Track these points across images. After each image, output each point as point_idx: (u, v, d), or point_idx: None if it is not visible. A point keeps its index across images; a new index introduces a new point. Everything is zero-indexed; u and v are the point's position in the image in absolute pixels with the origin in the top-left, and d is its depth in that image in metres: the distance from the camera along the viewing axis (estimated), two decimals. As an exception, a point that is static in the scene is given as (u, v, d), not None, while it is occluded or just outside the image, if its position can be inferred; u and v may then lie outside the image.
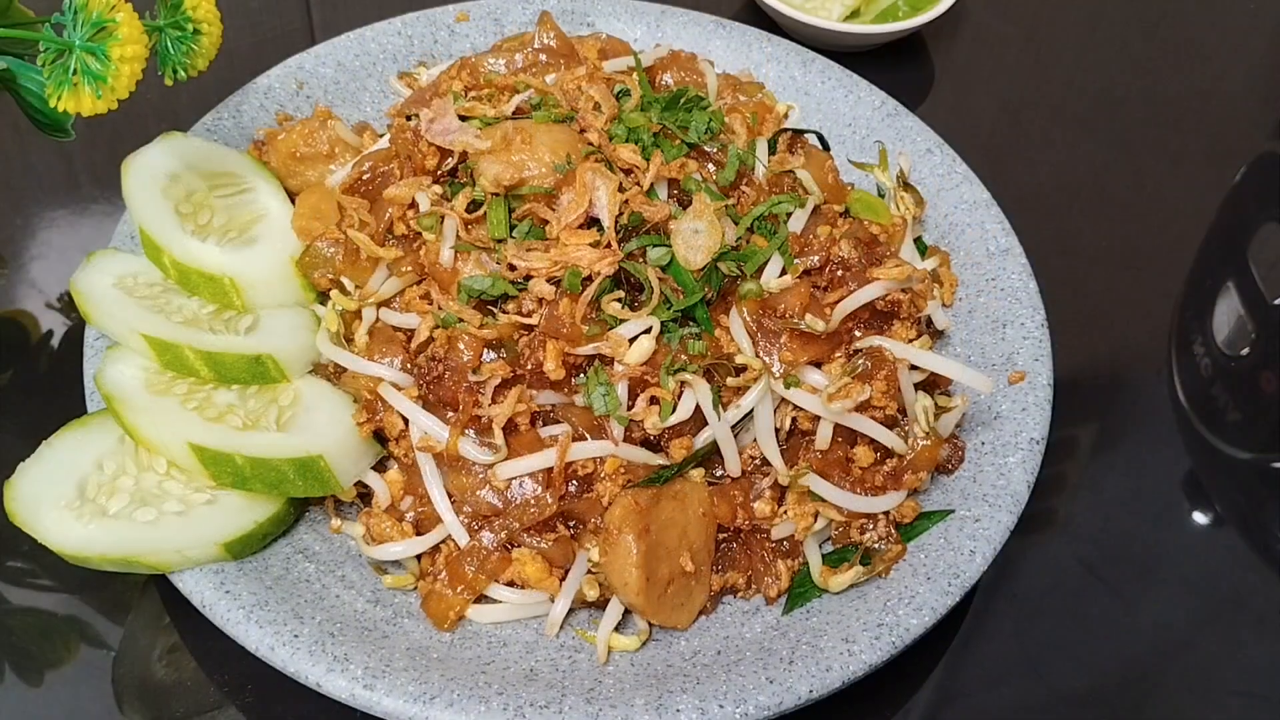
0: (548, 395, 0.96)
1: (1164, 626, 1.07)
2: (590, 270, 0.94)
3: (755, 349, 0.98)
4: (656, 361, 0.94)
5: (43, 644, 0.99)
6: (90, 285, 1.03)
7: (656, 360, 0.94)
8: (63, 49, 0.95)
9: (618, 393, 0.93)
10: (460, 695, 0.85)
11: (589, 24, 1.37)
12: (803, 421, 0.98)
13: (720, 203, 1.01)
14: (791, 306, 0.98)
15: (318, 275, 1.07)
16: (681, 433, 0.95)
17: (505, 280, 0.97)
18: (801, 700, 0.86)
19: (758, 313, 0.98)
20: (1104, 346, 1.30)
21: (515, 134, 1.02)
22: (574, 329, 0.93)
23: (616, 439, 0.93)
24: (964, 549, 0.95)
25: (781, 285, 0.99)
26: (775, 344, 0.98)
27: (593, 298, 0.94)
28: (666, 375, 0.93)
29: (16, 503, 0.90)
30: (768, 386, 0.95)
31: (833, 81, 1.32)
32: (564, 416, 0.95)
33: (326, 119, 1.18)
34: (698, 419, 0.94)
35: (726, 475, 0.98)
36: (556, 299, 0.94)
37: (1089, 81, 1.62)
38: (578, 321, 0.93)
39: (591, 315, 0.94)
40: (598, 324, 0.94)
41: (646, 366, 0.93)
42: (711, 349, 0.96)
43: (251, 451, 0.92)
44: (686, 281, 0.97)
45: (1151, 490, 1.18)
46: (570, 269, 0.94)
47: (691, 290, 0.97)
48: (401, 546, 0.96)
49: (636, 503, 0.91)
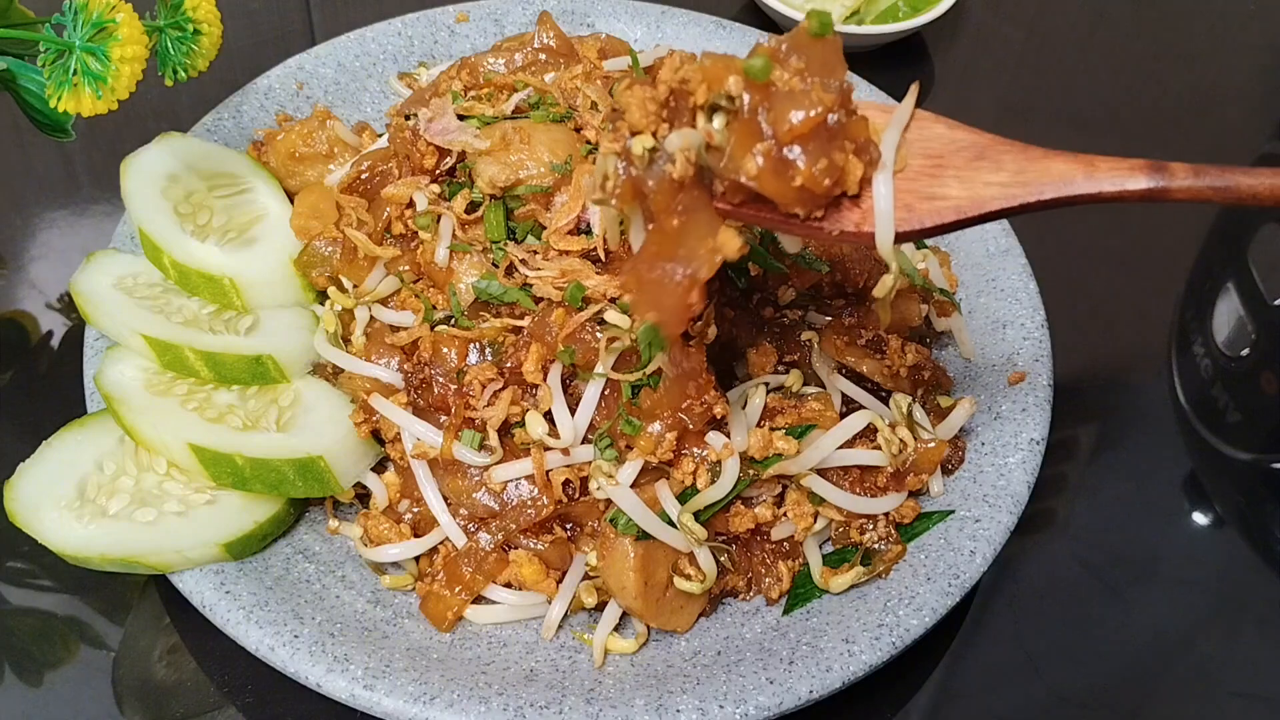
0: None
1: (1164, 627, 1.07)
2: (594, 294, 0.94)
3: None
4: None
5: (43, 644, 0.99)
6: (90, 286, 1.03)
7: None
8: (63, 49, 0.95)
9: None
10: (460, 695, 0.85)
11: (589, 24, 1.37)
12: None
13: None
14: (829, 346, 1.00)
15: (315, 274, 1.07)
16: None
17: (516, 289, 0.97)
18: (802, 701, 0.86)
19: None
20: (1104, 347, 1.30)
21: (514, 134, 1.02)
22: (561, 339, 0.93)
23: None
24: (964, 549, 0.95)
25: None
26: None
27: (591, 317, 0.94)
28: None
29: (16, 503, 0.90)
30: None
31: (833, 82, 1.32)
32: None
33: (325, 119, 1.18)
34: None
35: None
36: (551, 306, 0.94)
37: (1089, 82, 1.62)
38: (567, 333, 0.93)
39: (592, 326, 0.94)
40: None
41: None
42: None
43: (251, 452, 0.92)
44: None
45: (1152, 491, 1.17)
46: (574, 283, 0.94)
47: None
48: (399, 548, 0.96)
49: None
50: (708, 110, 0.73)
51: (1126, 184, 0.76)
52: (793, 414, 0.97)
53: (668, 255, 0.74)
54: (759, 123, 0.72)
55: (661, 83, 0.74)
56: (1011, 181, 0.78)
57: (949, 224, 0.77)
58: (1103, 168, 0.77)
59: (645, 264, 0.75)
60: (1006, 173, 0.78)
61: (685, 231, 0.73)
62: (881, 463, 0.96)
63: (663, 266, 0.74)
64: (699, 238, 0.73)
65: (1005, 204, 0.77)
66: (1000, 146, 0.79)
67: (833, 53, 0.74)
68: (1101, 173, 0.77)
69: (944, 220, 0.77)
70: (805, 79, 0.73)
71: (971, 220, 0.78)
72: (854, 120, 0.74)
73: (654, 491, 0.91)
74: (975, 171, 0.78)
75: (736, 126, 0.73)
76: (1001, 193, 0.77)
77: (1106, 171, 0.77)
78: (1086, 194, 0.77)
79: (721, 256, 0.72)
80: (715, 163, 0.74)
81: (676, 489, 0.92)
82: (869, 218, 0.76)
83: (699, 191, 0.75)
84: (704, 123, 0.74)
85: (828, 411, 0.98)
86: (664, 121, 0.74)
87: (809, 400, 0.99)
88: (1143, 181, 0.76)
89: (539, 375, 0.93)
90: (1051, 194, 0.77)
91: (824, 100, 0.71)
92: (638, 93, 0.74)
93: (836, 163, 0.73)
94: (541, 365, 0.93)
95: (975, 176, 0.78)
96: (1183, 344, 1.31)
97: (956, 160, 0.79)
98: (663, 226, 0.74)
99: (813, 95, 0.71)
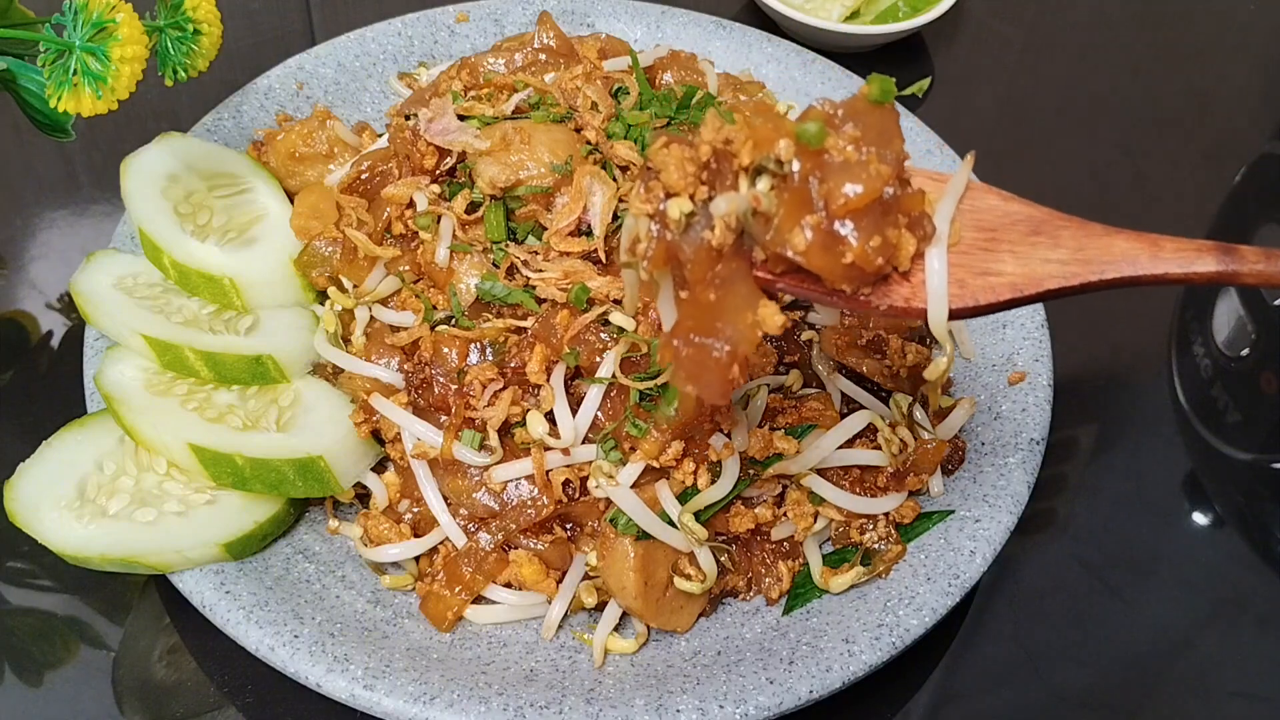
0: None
1: (1164, 627, 1.07)
2: (598, 295, 0.94)
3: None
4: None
5: (42, 644, 0.99)
6: (90, 286, 1.03)
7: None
8: (63, 49, 0.95)
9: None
10: (460, 696, 0.85)
11: (589, 24, 1.37)
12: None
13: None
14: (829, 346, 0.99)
15: (316, 274, 1.07)
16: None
17: (520, 290, 0.97)
18: (802, 701, 0.86)
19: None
20: (1104, 347, 1.30)
21: (514, 134, 1.02)
22: (565, 340, 0.93)
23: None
24: (964, 549, 0.95)
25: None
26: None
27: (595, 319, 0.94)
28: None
29: (16, 503, 0.90)
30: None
31: (833, 82, 1.32)
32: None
33: (325, 119, 1.18)
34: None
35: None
36: (556, 308, 0.94)
37: (1089, 82, 1.62)
38: (572, 335, 0.93)
39: (596, 327, 0.94)
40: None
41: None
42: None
43: (251, 452, 0.92)
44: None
45: (1152, 491, 1.17)
46: (579, 285, 0.94)
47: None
48: (399, 549, 0.96)
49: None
50: (752, 173, 0.69)
51: (1194, 266, 0.73)
52: (793, 414, 0.97)
53: (704, 330, 0.69)
54: (810, 192, 0.67)
55: (704, 142, 0.69)
56: (1071, 259, 0.74)
57: (1004, 302, 0.73)
58: (1168, 248, 0.73)
59: (681, 337, 0.70)
60: (1065, 250, 0.74)
61: (723, 305, 0.69)
62: (881, 463, 0.96)
63: (700, 340, 0.69)
64: (737, 311, 0.68)
65: (1065, 282, 0.74)
66: (1058, 221, 0.75)
67: (890, 121, 0.70)
68: (1167, 253, 0.73)
69: (1000, 298, 0.73)
70: (861, 148, 0.68)
71: (1029, 299, 0.74)
72: (909, 194, 0.70)
73: (654, 491, 0.91)
74: (1032, 247, 0.74)
75: (785, 195, 0.68)
76: (1060, 270, 0.74)
77: (1173, 253, 0.73)
78: (1151, 274, 0.73)
79: (764, 331, 0.68)
80: (759, 231, 0.69)
81: (677, 489, 0.92)
82: (919, 293, 0.72)
83: (738, 261, 0.70)
84: (748, 187, 0.69)
85: (828, 411, 0.98)
86: (703, 184, 0.69)
87: (809, 400, 0.99)
88: (1211, 264, 0.73)
89: (543, 376, 0.93)
90: (1114, 274, 0.74)
91: (881, 173, 0.67)
92: (676, 152, 0.68)
93: (890, 239, 0.69)
94: (544, 366, 0.93)
95: (1032, 253, 0.74)
96: (1183, 344, 1.31)
97: (1011, 234, 0.75)
98: (698, 298, 0.69)
99: (870, 168, 0.67)
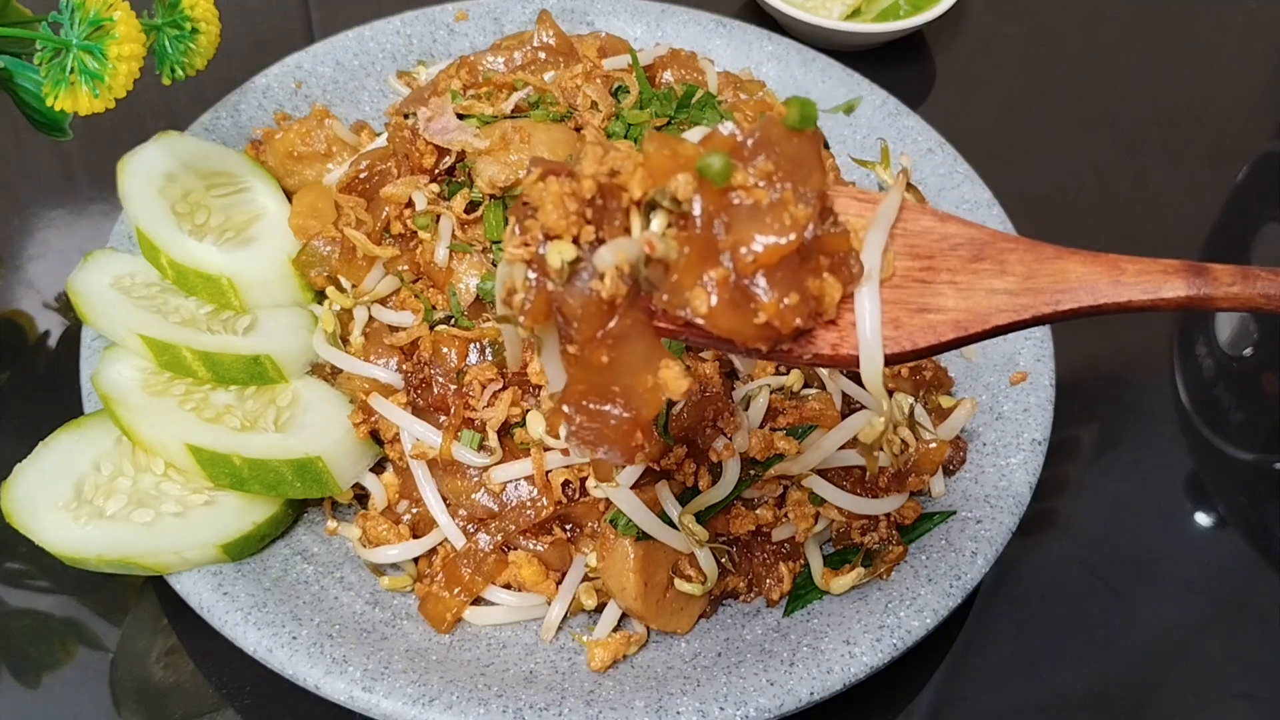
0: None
1: (1166, 628, 1.07)
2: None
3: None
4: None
5: (40, 646, 0.98)
6: (87, 285, 1.03)
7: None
8: (60, 47, 0.95)
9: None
10: (459, 697, 0.84)
11: (589, 23, 1.37)
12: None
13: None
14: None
15: (314, 274, 1.06)
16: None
17: None
18: (802, 702, 0.86)
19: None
20: (1106, 347, 1.30)
21: (514, 133, 1.02)
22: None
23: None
24: (965, 550, 0.94)
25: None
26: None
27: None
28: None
29: (13, 504, 0.90)
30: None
31: (834, 80, 1.32)
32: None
33: (324, 118, 1.17)
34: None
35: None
36: None
37: (1090, 81, 1.62)
38: None
39: None
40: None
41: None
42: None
43: (249, 452, 0.92)
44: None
45: (1153, 491, 1.17)
46: None
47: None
48: (397, 550, 0.96)
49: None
50: (645, 209, 0.59)
51: (1161, 292, 0.64)
52: (794, 414, 0.97)
53: (598, 395, 0.59)
54: (714, 239, 0.58)
55: (585, 176, 0.59)
56: (1020, 289, 0.65)
57: (947, 343, 0.64)
58: (1130, 271, 0.65)
59: (573, 403, 0.60)
60: (1013, 277, 0.65)
61: (618, 366, 0.59)
62: (883, 463, 0.96)
63: (594, 407, 0.59)
64: (635, 373, 0.59)
65: (1015, 316, 0.65)
66: (1003, 244, 0.66)
67: (811, 151, 0.59)
68: (1130, 278, 0.65)
69: (941, 339, 0.64)
70: (774, 184, 0.58)
71: (974, 337, 0.65)
72: (831, 235, 0.60)
73: (654, 492, 0.91)
74: (975, 276, 0.65)
75: (685, 240, 0.58)
76: (1009, 302, 0.65)
77: (1136, 276, 0.65)
78: (1112, 303, 0.65)
79: (667, 396, 0.58)
80: (657, 278, 0.58)
81: (677, 490, 0.91)
82: (848, 337, 0.63)
83: (634, 314, 0.59)
84: (640, 228, 0.59)
85: (828, 411, 0.98)
86: (588, 223, 0.59)
87: (809, 400, 0.99)
88: (1180, 289, 0.64)
89: (544, 377, 0.93)
90: (1070, 304, 0.65)
91: (798, 218, 0.58)
92: (554, 186, 0.58)
93: (811, 291, 0.60)
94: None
95: (975, 282, 0.65)
96: (1185, 344, 1.31)
97: (950, 261, 0.65)
98: (588, 360, 0.59)
99: (784, 214, 0.58)
